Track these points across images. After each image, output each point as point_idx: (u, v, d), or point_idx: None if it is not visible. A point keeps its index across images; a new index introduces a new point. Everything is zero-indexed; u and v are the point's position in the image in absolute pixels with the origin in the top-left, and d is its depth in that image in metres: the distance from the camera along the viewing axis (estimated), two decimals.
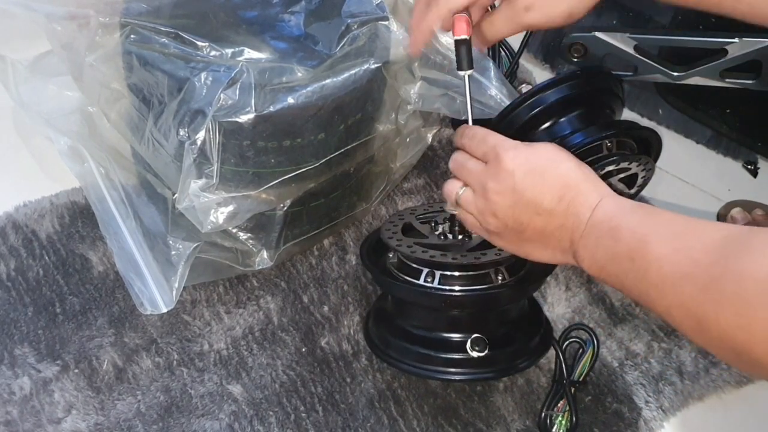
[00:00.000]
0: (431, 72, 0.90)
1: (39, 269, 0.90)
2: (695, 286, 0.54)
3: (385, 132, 0.89)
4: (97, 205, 0.86)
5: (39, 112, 0.91)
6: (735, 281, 0.52)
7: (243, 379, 0.85)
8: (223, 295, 0.90)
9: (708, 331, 0.54)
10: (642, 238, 0.60)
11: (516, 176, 0.67)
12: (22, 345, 0.84)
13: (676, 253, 0.57)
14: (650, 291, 0.59)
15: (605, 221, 0.64)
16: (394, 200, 1.02)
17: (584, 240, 0.65)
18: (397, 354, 0.82)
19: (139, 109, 0.81)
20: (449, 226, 0.83)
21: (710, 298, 0.53)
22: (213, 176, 0.76)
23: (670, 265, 0.57)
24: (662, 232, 0.59)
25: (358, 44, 0.83)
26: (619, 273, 0.62)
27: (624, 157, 0.89)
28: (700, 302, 0.54)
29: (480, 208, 0.71)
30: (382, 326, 0.86)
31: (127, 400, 0.82)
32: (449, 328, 0.81)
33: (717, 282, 0.53)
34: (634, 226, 0.61)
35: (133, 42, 0.79)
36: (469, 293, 0.78)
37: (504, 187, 0.68)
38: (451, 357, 0.80)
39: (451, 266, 0.79)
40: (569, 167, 0.68)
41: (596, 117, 0.92)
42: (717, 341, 0.54)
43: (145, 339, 0.86)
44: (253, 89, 0.76)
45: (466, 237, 0.83)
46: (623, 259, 0.61)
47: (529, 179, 0.67)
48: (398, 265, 0.83)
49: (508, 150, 0.69)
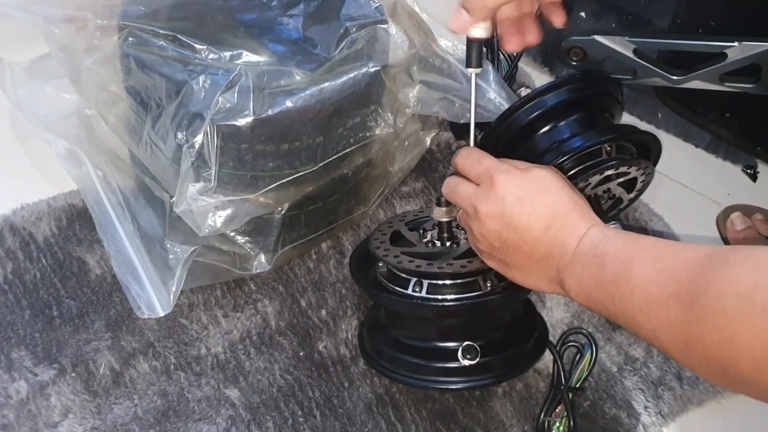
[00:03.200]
0: (430, 75, 0.90)
1: (36, 272, 0.89)
2: (679, 306, 0.54)
3: (383, 135, 0.89)
4: (94, 208, 0.86)
5: (36, 114, 0.90)
6: (716, 297, 0.52)
7: (240, 383, 0.84)
8: (221, 299, 0.90)
9: (694, 350, 0.53)
10: (626, 262, 0.60)
11: (506, 202, 0.68)
12: (18, 348, 0.84)
13: (660, 274, 0.57)
14: (636, 315, 0.58)
15: (591, 249, 0.64)
16: (392, 204, 1.01)
17: (570, 268, 0.65)
18: (391, 364, 0.82)
19: (137, 112, 0.81)
20: (437, 233, 0.83)
21: (694, 317, 0.53)
22: (211, 180, 0.76)
23: (654, 287, 0.57)
24: (645, 255, 0.59)
25: (356, 47, 0.83)
26: (604, 299, 0.62)
27: (623, 161, 0.89)
28: (685, 321, 0.54)
29: (471, 228, 0.72)
30: (375, 336, 0.85)
31: (124, 404, 0.81)
32: (440, 337, 0.81)
33: (699, 300, 0.53)
34: (619, 251, 0.62)
35: (131, 45, 0.79)
36: (457, 301, 0.78)
37: (493, 211, 0.69)
38: (444, 366, 0.80)
39: (438, 275, 0.78)
40: (559, 197, 0.68)
41: (595, 121, 0.92)
42: (703, 360, 0.53)
43: (143, 343, 0.86)
44: (251, 92, 0.76)
45: (454, 244, 0.82)
46: (609, 285, 0.61)
47: (518, 206, 0.68)
48: (387, 274, 0.82)
49: (501, 174, 0.69)
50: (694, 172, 1.10)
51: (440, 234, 0.82)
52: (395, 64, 0.86)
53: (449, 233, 0.82)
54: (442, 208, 0.81)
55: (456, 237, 0.82)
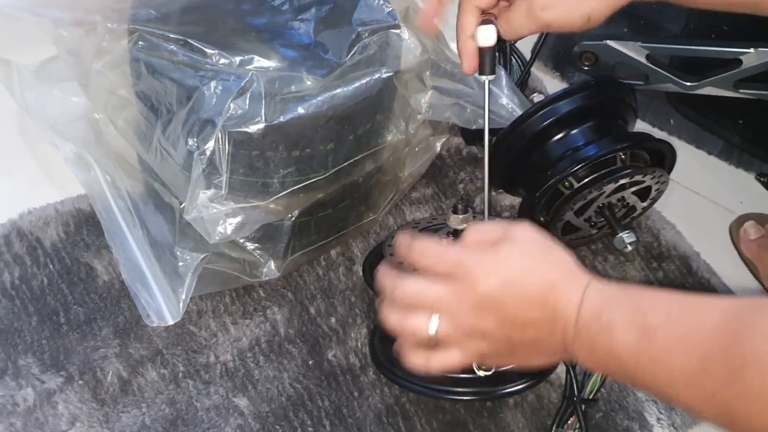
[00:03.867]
0: (442, 81, 0.89)
1: (43, 278, 0.88)
2: (715, 383, 0.50)
3: (394, 141, 0.88)
4: (103, 214, 0.85)
5: (44, 118, 0.89)
6: (759, 373, 0.48)
7: (249, 391, 0.83)
8: (230, 306, 0.89)
9: (738, 425, 0.50)
10: (639, 331, 0.55)
11: (495, 294, 0.59)
12: (26, 355, 0.83)
13: (682, 344, 0.53)
14: (664, 388, 0.54)
15: (594, 319, 0.58)
16: (401, 210, 1.00)
17: (578, 343, 0.59)
18: (403, 372, 0.81)
19: (147, 117, 0.80)
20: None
21: (735, 393, 0.49)
22: (222, 187, 0.75)
23: (679, 360, 0.53)
24: (657, 320, 0.54)
25: (368, 53, 0.82)
26: (624, 372, 0.57)
27: (638, 169, 0.88)
28: (725, 398, 0.50)
29: (464, 335, 0.61)
30: (388, 343, 0.84)
31: (132, 412, 0.81)
32: None
33: (739, 375, 0.49)
34: (627, 320, 0.56)
35: (141, 49, 0.78)
36: None
37: (485, 306, 0.60)
38: (458, 376, 0.78)
39: None
40: (544, 269, 0.60)
41: (610, 128, 0.91)
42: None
43: (151, 350, 0.85)
44: (263, 99, 0.75)
45: None
46: (626, 358, 0.56)
47: (509, 295, 0.59)
48: None
49: (476, 265, 0.60)
50: (706, 179, 1.09)
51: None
52: (407, 69, 0.85)
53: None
54: (459, 215, 0.79)
55: None
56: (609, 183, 0.87)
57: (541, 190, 0.88)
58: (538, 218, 0.91)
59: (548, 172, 0.88)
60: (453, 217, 0.80)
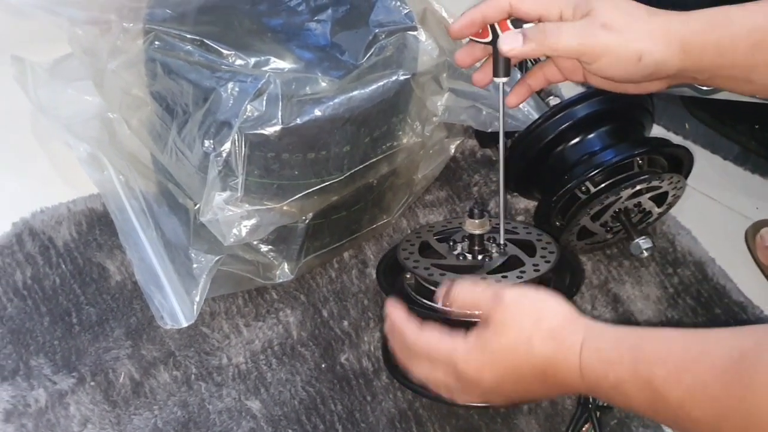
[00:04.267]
0: (458, 83, 0.88)
1: (55, 278, 0.88)
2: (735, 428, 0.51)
3: (410, 144, 0.87)
4: (117, 214, 0.85)
5: (57, 116, 0.89)
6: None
7: (262, 394, 0.83)
8: (242, 308, 0.89)
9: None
10: (651, 392, 0.55)
11: (493, 386, 0.62)
12: (37, 356, 0.83)
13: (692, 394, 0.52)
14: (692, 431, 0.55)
15: (601, 379, 0.58)
16: (415, 213, 1.00)
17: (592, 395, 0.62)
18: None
19: (162, 118, 0.80)
20: (468, 246, 0.81)
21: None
22: (237, 189, 0.75)
23: (694, 410, 0.53)
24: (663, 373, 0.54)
25: (385, 55, 0.81)
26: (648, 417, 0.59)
27: (656, 175, 0.87)
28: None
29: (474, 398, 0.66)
30: None
31: (144, 414, 0.80)
32: None
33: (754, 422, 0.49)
34: (634, 378, 0.56)
35: (157, 49, 0.78)
36: None
37: (486, 392, 0.63)
38: None
39: None
40: (536, 345, 0.60)
41: (627, 132, 0.90)
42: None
43: (163, 351, 0.84)
44: (279, 101, 0.74)
45: (486, 257, 0.80)
46: (646, 412, 0.57)
47: (507, 382, 0.62)
48: (415, 286, 0.81)
49: (467, 367, 0.62)
50: (722, 184, 1.08)
51: (471, 246, 0.80)
52: (424, 71, 0.84)
53: (481, 246, 0.80)
54: (475, 220, 0.79)
55: (488, 250, 0.80)
56: (626, 188, 0.86)
57: (557, 195, 0.87)
58: (554, 222, 0.90)
59: (565, 177, 0.87)
60: (469, 221, 0.79)
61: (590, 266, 0.96)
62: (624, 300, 0.94)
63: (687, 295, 0.95)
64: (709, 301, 0.94)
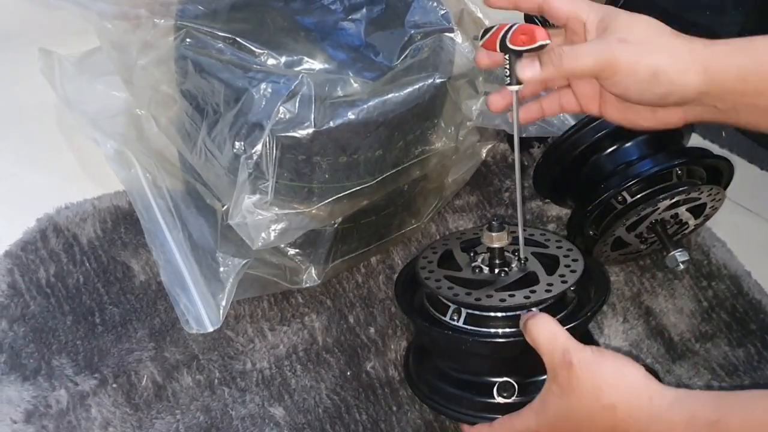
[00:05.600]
0: (494, 87, 0.86)
1: (79, 276, 0.87)
2: None
3: (443, 149, 0.85)
4: (143, 214, 0.83)
5: (84, 111, 0.88)
6: None
7: (285, 401, 0.81)
8: (267, 311, 0.87)
9: None
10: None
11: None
12: (59, 355, 0.81)
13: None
14: None
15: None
16: (444, 218, 0.98)
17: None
18: (428, 390, 0.77)
19: (192, 117, 0.78)
20: (488, 258, 0.76)
21: None
22: (267, 192, 0.73)
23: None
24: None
25: (421, 57, 0.79)
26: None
27: (694, 186, 0.85)
28: None
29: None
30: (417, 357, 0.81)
31: (166, 419, 0.79)
32: (479, 370, 0.75)
33: None
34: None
35: (188, 46, 0.76)
36: (494, 337, 0.72)
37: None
38: (479, 400, 0.74)
39: (475, 306, 0.72)
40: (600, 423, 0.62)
41: (665, 142, 0.88)
42: None
43: (186, 355, 0.83)
44: (312, 103, 0.72)
45: (503, 272, 0.75)
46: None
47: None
48: (431, 298, 0.77)
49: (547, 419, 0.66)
50: (758, 195, 1.05)
51: (491, 260, 0.76)
52: (460, 75, 0.82)
53: (501, 259, 0.76)
54: (492, 233, 0.75)
55: (508, 263, 0.77)
56: (664, 199, 0.84)
57: (593, 204, 0.85)
58: (588, 232, 0.88)
59: (601, 186, 0.85)
60: (486, 234, 0.75)
61: (623, 277, 0.94)
62: (656, 313, 0.91)
63: (722, 310, 0.92)
64: (744, 317, 0.92)
